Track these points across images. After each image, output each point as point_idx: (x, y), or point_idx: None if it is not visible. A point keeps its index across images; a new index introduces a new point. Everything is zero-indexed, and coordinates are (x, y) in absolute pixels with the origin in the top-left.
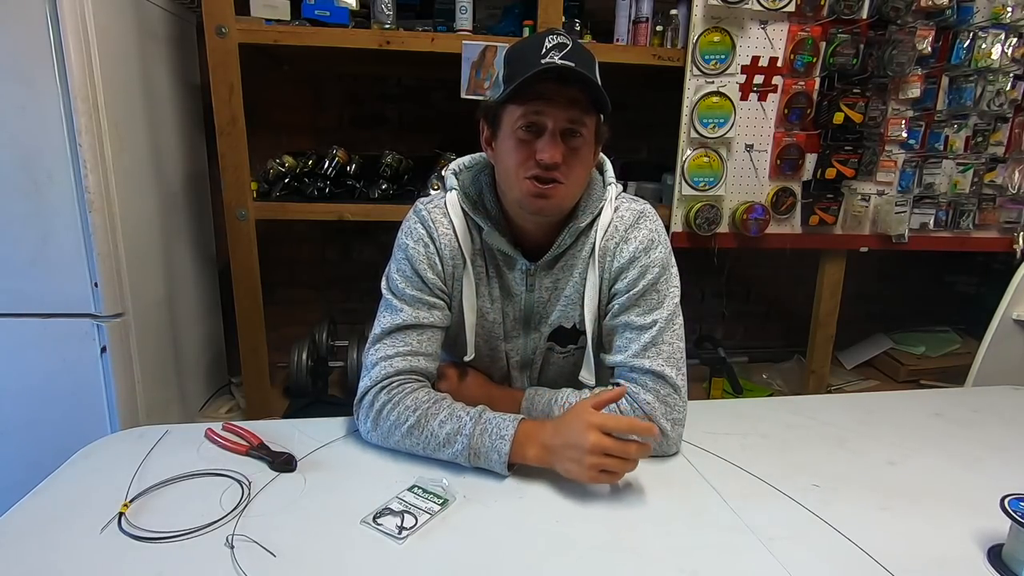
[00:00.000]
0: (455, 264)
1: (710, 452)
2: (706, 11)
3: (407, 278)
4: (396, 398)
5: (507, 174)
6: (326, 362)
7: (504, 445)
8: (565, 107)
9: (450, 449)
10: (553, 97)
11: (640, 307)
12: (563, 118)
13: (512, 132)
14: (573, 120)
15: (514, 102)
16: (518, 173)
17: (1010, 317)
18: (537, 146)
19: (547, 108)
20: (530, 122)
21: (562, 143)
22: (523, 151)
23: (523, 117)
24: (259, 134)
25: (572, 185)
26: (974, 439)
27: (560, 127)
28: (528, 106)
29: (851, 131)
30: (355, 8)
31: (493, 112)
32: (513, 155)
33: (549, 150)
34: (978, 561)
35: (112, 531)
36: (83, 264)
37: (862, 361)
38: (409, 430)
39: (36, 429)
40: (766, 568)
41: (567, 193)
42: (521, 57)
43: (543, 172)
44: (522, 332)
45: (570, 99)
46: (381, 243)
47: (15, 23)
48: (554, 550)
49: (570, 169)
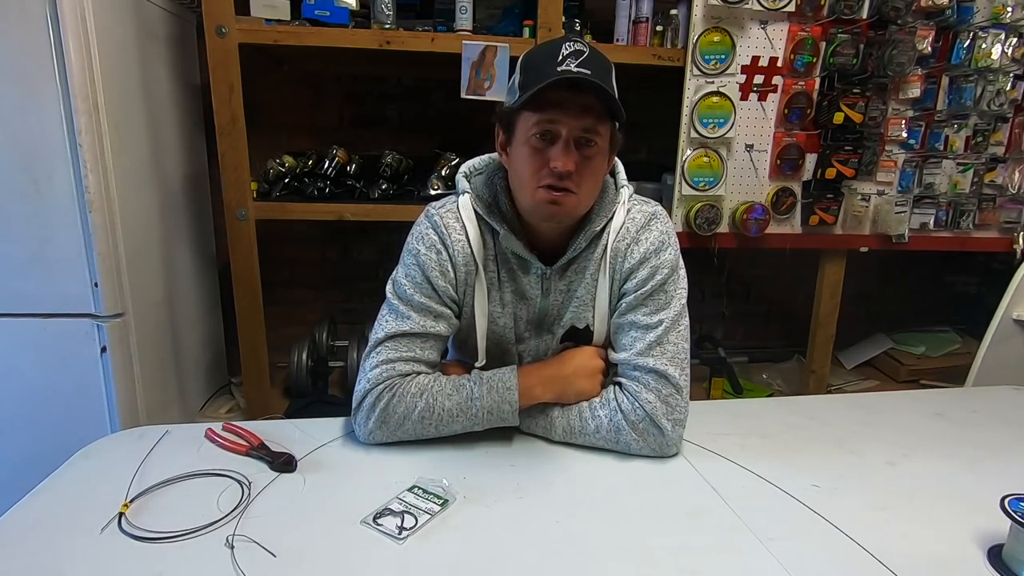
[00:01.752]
0: (468, 271)
1: (710, 452)
2: (706, 11)
3: (416, 285)
4: (399, 391)
5: (520, 181)
6: (326, 362)
7: (512, 395)
8: (579, 115)
9: (464, 418)
10: (567, 105)
11: (647, 307)
12: (577, 126)
13: (526, 139)
14: (587, 129)
15: (528, 109)
16: (531, 181)
17: (1010, 317)
18: (550, 154)
19: (561, 116)
20: (544, 130)
21: (575, 152)
22: (537, 159)
23: (537, 125)
24: (259, 134)
25: (584, 194)
26: (974, 439)
27: (574, 135)
28: (542, 114)
29: (851, 131)
30: (355, 8)
31: (508, 118)
32: (527, 163)
33: (562, 159)
34: (978, 561)
35: (112, 531)
36: (83, 264)
37: (862, 361)
38: (420, 416)
39: (36, 429)
40: (766, 568)
41: (579, 202)
42: (537, 64)
43: (556, 181)
44: (535, 334)
45: (584, 107)
46: (381, 243)
47: (15, 23)
48: (554, 550)
49: (582, 178)
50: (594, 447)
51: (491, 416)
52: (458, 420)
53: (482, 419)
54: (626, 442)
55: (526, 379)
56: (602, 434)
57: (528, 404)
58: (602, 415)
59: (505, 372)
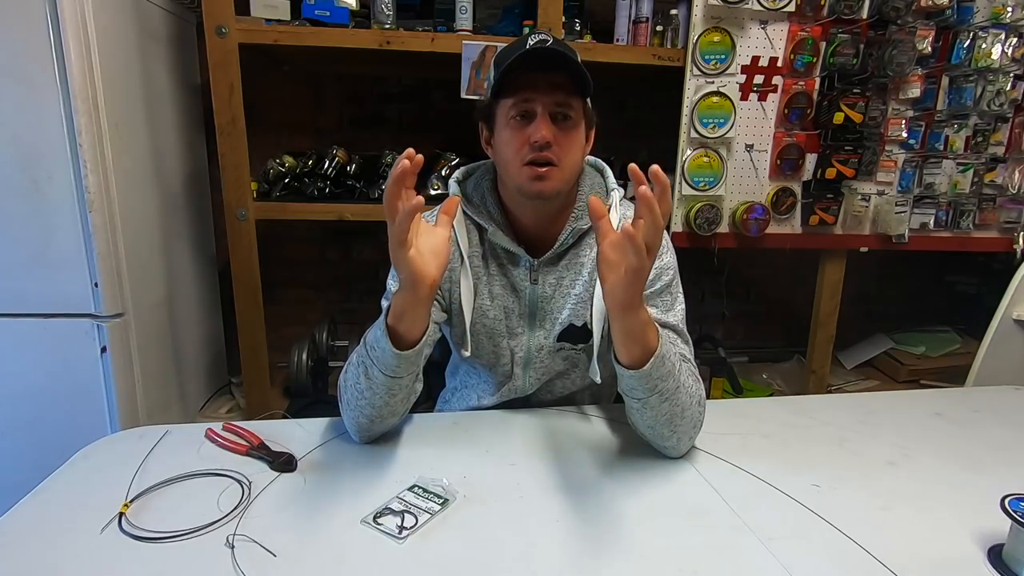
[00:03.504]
0: (452, 266)
1: (710, 452)
2: (706, 11)
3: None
4: (348, 367)
5: (507, 164)
6: (326, 362)
7: (381, 318)
8: (550, 91)
9: (357, 363)
10: (538, 84)
11: (657, 307)
12: (550, 101)
13: (506, 123)
14: (560, 103)
15: (503, 96)
16: (515, 160)
17: (1010, 317)
18: (529, 130)
19: (534, 95)
20: (521, 111)
21: (553, 125)
22: (518, 138)
23: (514, 107)
24: (259, 134)
25: (567, 168)
26: (974, 439)
27: (549, 110)
28: (517, 95)
29: (851, 131)
30: (355, 8)
31: (488, 112)
32: (510, 144)
33: (541, 130)
34: (978, 561)
35: (112, 531)
36: (83, 264)
37: (862, 361)
38: (345, 381)
39: (36, 429)
40: (766, 568)
41: (563, 176)
42: (506, 57)
43: (539, 154)
44: (527, 328)
45: (554, 84)
46: (381, 243)
47: (15, 23)
48: (554, 550)
49: (563, 150)
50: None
51: (372, 351)
52: (359, 370)
53: (367, 356)
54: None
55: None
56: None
57: (392, 314)
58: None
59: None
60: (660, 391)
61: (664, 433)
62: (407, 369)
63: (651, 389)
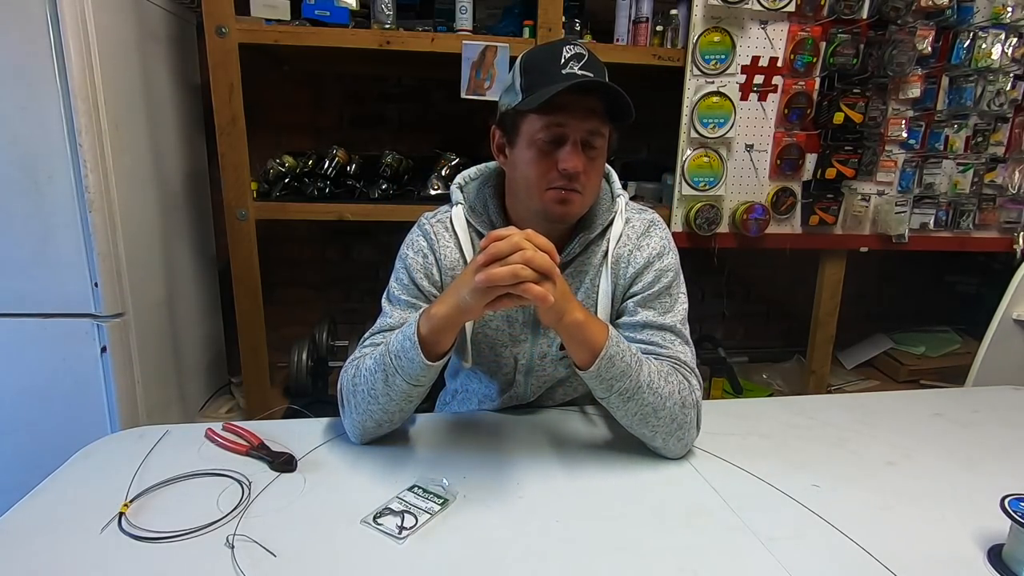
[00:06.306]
0: (455, 274)
1: (710, 452)
2: (706, 11)
3: (404, 286)
4: (358, 370)
5: (527, 184)
6: (326, 362)
7: (410, 328)
8: (585, 118)
9: (379, 371)
10: (574, 108)
11: (655, 309)
12: (583, 129)
13: (532, 142)
14: (592, 131)
15: (535, 112)
16: (540, 183)
17: (1010, 317)
18: (559, 156)
19: (568, 119)
20: (553, 134)
21: (583, 154)
22: (544, 162)
23: (545, 129)
24: (259, 134)
25: (589, 194)
26: (974, 439)
27: (580, 137)
28: (550, 117)
29: (851, 131)
30: (355, 8)
31: (511, 120)
32: (534, 166)
33: (572, 160)
34: (978, 561)
35: (112, 531)
36: (83, 264)
37: (862, 361)
38: (354, 385)
39: (36, 429)
40: (766, 568)
41: (585, 201)
42: (540, 67)
43: (567, 183)
44: (530, 336)
45: (589, 109)
46: (381, 243)
47: (15, 23)
48: (554, 550)
49: (588, 178)
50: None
51: (398, 359)
52: (377, 375)
53: (391, 364)
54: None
55: (425, 312)
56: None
57: (428, 327)
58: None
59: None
60: (619, 391)
61: (645, 433)
62: (430, 378)
63: (608, 389)
